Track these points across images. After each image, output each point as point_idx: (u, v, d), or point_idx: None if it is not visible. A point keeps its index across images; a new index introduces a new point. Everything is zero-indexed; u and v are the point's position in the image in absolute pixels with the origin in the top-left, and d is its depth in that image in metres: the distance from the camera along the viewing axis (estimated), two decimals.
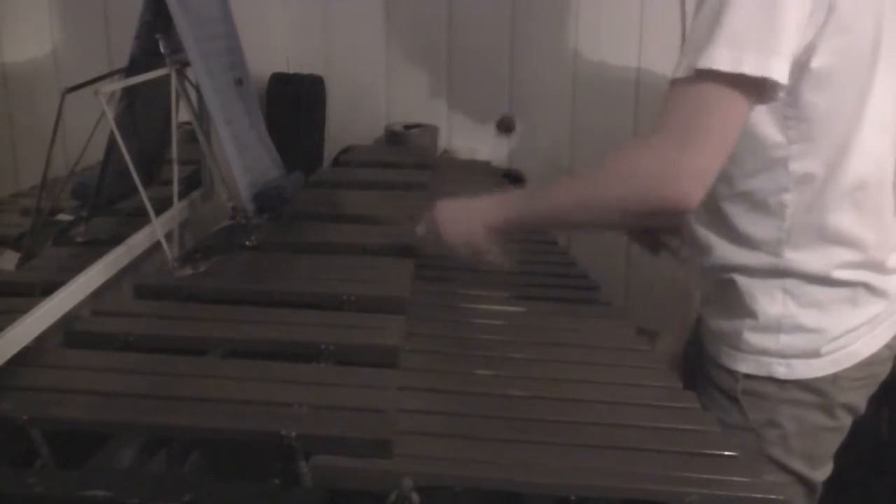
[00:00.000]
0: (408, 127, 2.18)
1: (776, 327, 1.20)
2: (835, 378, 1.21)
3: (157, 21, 1.34)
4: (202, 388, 1.04)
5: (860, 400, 1.25)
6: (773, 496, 0.91)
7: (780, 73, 1.04)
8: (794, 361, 1.20)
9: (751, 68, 1.02)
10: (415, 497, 0.87)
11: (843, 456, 1.35)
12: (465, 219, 1.28)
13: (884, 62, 1.13)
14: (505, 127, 1.38)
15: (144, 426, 1.00)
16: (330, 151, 2.21)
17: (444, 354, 1.19)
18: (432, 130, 2.20)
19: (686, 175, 1.06)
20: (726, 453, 0.98)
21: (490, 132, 2.24)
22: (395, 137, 2.16)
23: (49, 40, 2.16)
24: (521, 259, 1.53)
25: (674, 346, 1.65)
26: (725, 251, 1.22)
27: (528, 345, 1.22)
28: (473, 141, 2.24)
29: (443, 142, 2.24)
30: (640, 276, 2.23)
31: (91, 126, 1.32)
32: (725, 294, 1.24)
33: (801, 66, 1.08)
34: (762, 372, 1.22)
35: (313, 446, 0.93)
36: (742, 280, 1.22)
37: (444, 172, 2.01)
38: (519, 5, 2.16)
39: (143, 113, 1.43)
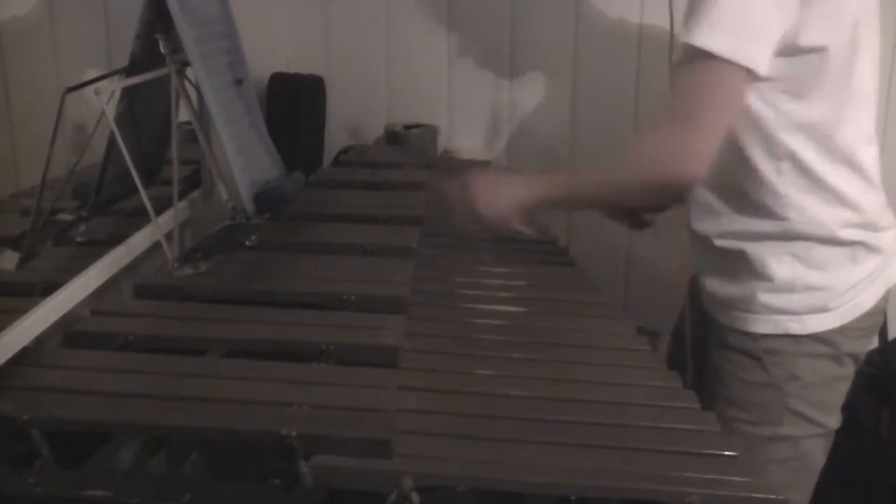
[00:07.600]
0: (408, 127, 2.18)
1: (789, 288, 1.30)
2: (842, 329, 1.31)
3: (157, 21, 1.34)
4: (202, 388, 1.04)
5: (862, 349, 1.36)
6: (773, 496, 0.91)
7: (748, 56, 1.14)
8: (806, 317, 1.31)
9: (721, 49, 1.13)
10: (415, 497, 0.87)
11: (843, 456, 1.36)
12: (500, 199, 1.37)
13: (863, 44, 1.24)
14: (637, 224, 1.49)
15: (144, 426, 1.00)
16: (330, 151, 2.22)
17: (444, 354, 1.19)
18: (432, 130, 2.20)
19: (687, 156, 1.18)
20: (726, 453, 0.98)
21: (490, 132, 2.24)
22: (395, 137, 2.16)
23: (50, 40, 2.16)
24: (520, 259, 1.54)
25: None
26: (735, 219, 1.32)
27: (528, 345, 1.23)
28: (474, 141, 2.24)
29: (443, 142, 2.24)
30: (640, 276, 2.23)
31: (91, 126, 1.32)
32: (734, 262, 1.34)
33: (789, 45, 1.18)
34: (779, 330, 1.31)
35: (313, 446, 0.93)
36: (752, 248, 1.31)
37: (444, 172, 2.00)
38: (519, 5, 2.15)
39: (143, 113, 1.43)
